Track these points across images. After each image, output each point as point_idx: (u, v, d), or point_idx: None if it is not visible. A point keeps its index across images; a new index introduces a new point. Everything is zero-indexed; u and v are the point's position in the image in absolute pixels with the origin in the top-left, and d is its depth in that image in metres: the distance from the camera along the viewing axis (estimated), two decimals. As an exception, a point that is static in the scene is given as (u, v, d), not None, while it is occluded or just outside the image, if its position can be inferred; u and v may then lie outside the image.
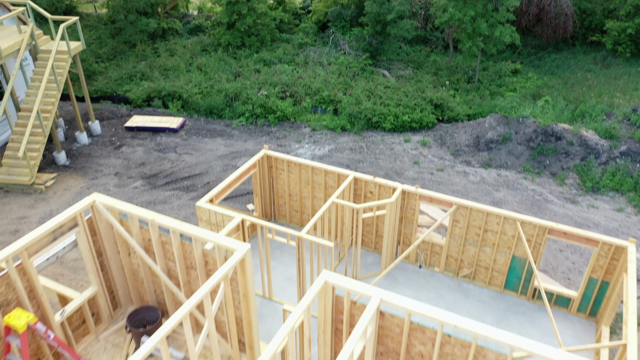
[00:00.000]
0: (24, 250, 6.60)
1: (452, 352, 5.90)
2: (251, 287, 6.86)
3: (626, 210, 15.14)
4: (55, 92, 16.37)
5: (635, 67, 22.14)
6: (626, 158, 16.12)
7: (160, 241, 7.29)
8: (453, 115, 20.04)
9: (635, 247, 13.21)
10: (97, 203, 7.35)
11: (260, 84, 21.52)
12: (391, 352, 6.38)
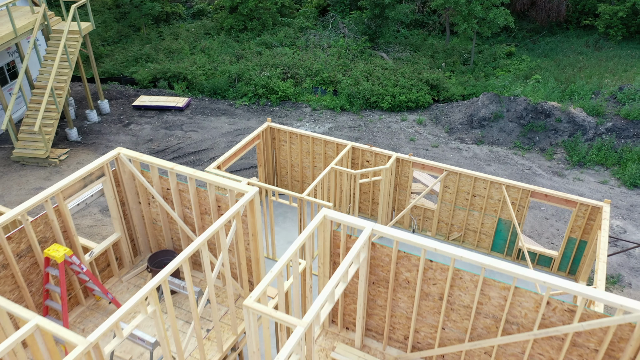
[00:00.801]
0: (59, 193, 7.59)
1: (433, 276, 6.89)
2: (259, 228, 7.86)
3: (610, 182, 16.13)
4: (67, 70, 17.29)
5: (625, 50, 23.02)
6: (611, 134, 17.06)
7: (177, 189, 8.28)
8: (448, 95, 20.95)
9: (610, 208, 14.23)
10: (121, 155, 8.33)
11: (262, 65, 22.42)
12: (382, 280, 7.37)
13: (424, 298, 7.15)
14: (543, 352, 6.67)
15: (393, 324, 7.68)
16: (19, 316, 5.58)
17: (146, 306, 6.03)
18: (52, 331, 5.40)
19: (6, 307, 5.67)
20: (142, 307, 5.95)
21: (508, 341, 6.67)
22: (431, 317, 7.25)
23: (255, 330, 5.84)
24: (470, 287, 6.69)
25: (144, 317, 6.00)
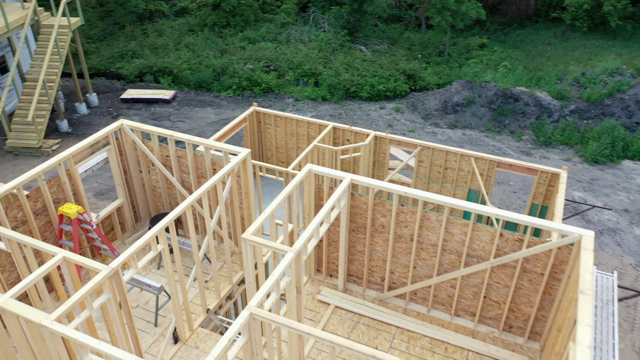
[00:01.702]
0: (71, 158, 8.54)
1: (405, 219, 7.99)
2: (251, 187, 8.89)
3: (573, 159, 17.50)
4: (58, 63, 18.13)
5: (590, 40, 24.58)
6: (574, 115, 18.47)
7: (176, 155, 9.28)
8: (424, 84, 22.23)
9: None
10: (124, 126, 9.31)
11: (245, 59, 23.45)
12: (360, 227, 8.45)
13: (398, 240, 8.27)
14: (499, 280, 7.82)
15: (371, 267, 8.78)
16: (47, 251, 6.55)
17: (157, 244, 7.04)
18: (78, 261, 6.37)
19: (35, 243, 6.62)
20: (152, 244, 6.96)
21: (470, 272, 7.81)
22: (404, 257, 8.37)
23: (251, 260, 6.88)
24: (436, 226, 7.83)
25: (154, 253, 7.00)
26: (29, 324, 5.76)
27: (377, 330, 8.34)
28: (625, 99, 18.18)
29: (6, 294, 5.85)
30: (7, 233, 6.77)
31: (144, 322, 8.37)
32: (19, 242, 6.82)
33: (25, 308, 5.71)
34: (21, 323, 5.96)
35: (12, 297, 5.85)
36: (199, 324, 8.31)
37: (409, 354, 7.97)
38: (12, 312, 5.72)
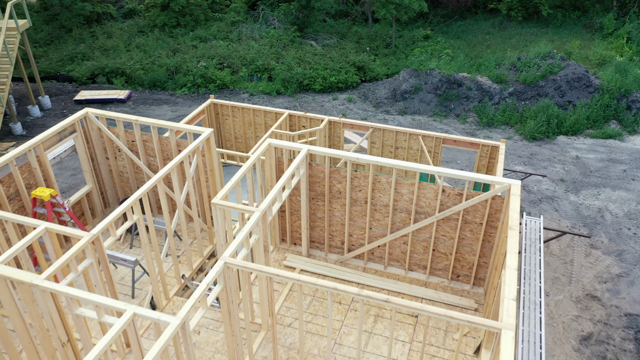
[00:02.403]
0: (40, 144, 9.00)
1: (359, 183, 8.90)
2: (215, 165, 9.60)
3: (514, 137, 18.97)
4: (8, 65, 18.17)
5: (525, 28, 26.40)
6: (513, 97, 19.99)
7: (142, 139, 9.86)
8: (374, 75, 23.36)
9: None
10: (89, 114, 9.82)
11: (198, 57, 23.95)
12: (319, 195, 9.29)
13: (353, 204, 9.17)
14: (445, 233, 8.85)
15: (331, 232, 9.65)
16: (29, 224, 7.07)
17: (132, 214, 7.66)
18: (60, 230, 6.94)
19: (17, 218, 7.13)
20: (128, 214, 7.58)
21: (419, 227, 8.80)
22: (360, 220, 9.28)
23: (222, 224, 7.61)
24: (387, 188, 8.78)
25: (130, 223, 7.63)
26: (19, 285, 6.30)
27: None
28: (557, 79, 19.83)
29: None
30: (-12, 211, 7.24)
31: (121, 296, 8.94)
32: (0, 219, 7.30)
33: (15, 271, 6.25)
34: (10, 287, 6.49)
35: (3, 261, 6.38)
36: (174, 293, 8.95)
37: (369, 305, 8.88)
38: (2, 276, 6.25)
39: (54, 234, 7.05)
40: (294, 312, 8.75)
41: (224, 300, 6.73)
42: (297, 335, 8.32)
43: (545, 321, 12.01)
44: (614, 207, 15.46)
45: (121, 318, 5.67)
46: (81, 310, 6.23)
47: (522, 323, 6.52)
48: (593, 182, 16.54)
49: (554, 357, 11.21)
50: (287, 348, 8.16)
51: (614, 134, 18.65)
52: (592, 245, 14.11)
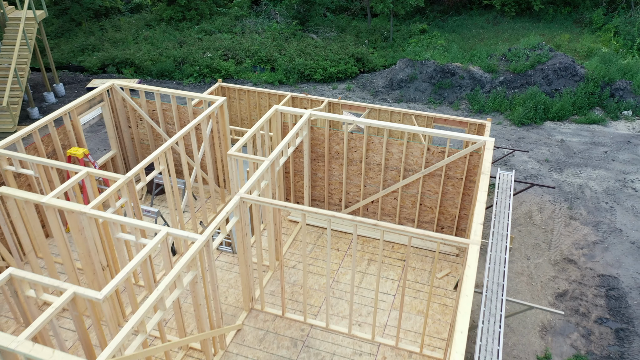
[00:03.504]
0: (74, 109, 10.33)
1: (355, 144, 10.21)
2: (228, 131, 10.92)
3: (503, 123, 20.31)
4: (27, 53, 19.53)
5: (518, 23, 27.79)
6: (503, 86, 21.33)
7: (162, 108, 11.19)
8: (372, 66, 24.73)
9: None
10: (115, 85, 11.15)
11: (204, 49, 25.31)
12: (320, 156, 10.61)
13: (350, 164, 10.50)
14: (430, 188, 10.17)
15: (330, 190, 10.97)
16: (72, 169, 8.39)
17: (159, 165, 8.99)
18: (98, 173, 8.26)
19: (62, 164, 8.46)
20: (155, 163, 8.91)
21: (407, 182, 10.12)
22: (356, 178, 10.61)
23: (236, 173, 8.94)
24: (379, 148, 10.11)
25: (157, 171, 8.95)
26: (69, 215, 7.62)
27: (338, 237, 10.54)
28: (545, 69, 21.18)
29: (47, 195, 7.69)
30: (37, 159, 8.56)
31: (145, 242, 10.25)
32: (45, 166, 8.62)
33: (66, 202, 7.57)
34: (58, 217, 7.81)
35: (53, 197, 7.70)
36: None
37: (364, 251, 10.20)
38: (55, 206, 7.58)
39: (93, 177, 8.37)
40: (297, 257, 10.06)
41: (239, 231, 8.05)
42: (300, 274, 9.64)
43: (525, 280, 13.33)
44: (593, 184, 16.79)
45: (156, 236, 6.99)
46: (121, 235, 7.54)
47: (490, 249, 7.82)
48: (575, 163, 17.87)
49: (531, 310, 12.50)
50: (292, 284, 9.47)
51: (598, 120, 19.99)
52: (571, 217, 15.43)
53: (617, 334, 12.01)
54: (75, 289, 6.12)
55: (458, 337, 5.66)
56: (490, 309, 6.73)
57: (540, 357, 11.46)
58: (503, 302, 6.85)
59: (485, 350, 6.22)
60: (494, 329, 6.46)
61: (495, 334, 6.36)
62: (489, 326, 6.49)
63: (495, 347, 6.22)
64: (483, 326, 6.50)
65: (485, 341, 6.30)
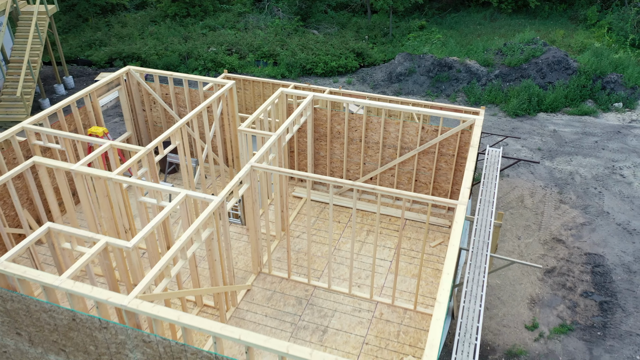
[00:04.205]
0: (94, 91, 11.20)
1: (355, 124, 11.07)
2: (236, 112, 11.79)
3: (498, 114, 21.20)
4: (39, 45, 20.41)
5: (515, 20, 28.70)
6: (499, 79, 22.22)
7: (174, 92, 12.06)
8: (371, 61, 25.62)
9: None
10: (131, 69, 12.02)
11: (208, 44, 26.21)
12: (322, 136, 11.47)
13: (350, 143, 11.36)
14: (425, 165, 11.04)
15: (332, 168, 11.83)
16: (97, 142, 9.26)
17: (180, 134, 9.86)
18: (121, 145, 9.13)
19: (86, 138, 9.32)
20: (172, 138, 9.78)
21: (403, 159, 10.98)
22: (356, 156, 11.47)
23: (246, 148, 9.80)
24: (377, 127, 10.97)
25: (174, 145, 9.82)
26: (96, 180, 8.49)
27: (339, 211, 11.41)
28: (539, 62, 22.07)
29: (77, 164, 8.56)
30: (65, 133, 9.43)
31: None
32: (71, 140, 9.49)
33: (93, 169, 8.44)
34: (85, 184, 8.68)
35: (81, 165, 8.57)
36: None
37: (363, 224, 11.06)
38: (83, 172, 8.44)
39: (115, 149, 9.24)
40: (302, 228, 10.93)
41: (249, 198, 8.91)
42: (304, 243, 10.50)
43: (516, 258, 14.18)
44: (583, 171, 17.66)
45: (176, 198, 7.86)
46: (143, 198, 8.41)
47: (477, 213, 8.68)
48: (567, 151, 18.75)
49: (521, 284, 13.38)
50: (296, 252, 10.34)
51: (589, 111, 20.87)
52: (561, 201, 16.31)
53: (601, 306, 12.87)
54: (107, 239, 6.98)
55: (445, 277, 6.52)
56: (475, 262, 7.59)
57: (528, 326, 12.32)
58: (487, 257, 7.70)
59: (470, 294, 7.07)
60: (478, 278, 7.31)
61: (479, 282, 7.21)
62: (474, 276, 7.34)
63: (479, 292, 7.07)
64: (469, 276, 7.35)
65: (471, 288, 7.15)
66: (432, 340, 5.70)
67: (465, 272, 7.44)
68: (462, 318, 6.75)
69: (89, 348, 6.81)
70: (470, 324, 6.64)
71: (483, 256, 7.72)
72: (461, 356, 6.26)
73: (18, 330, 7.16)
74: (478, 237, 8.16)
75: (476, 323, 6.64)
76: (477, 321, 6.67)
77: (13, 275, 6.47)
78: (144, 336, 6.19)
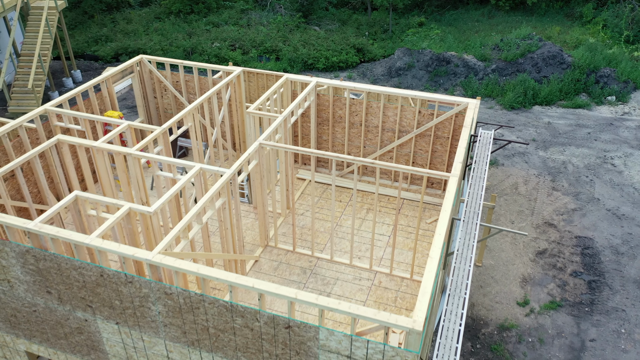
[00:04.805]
0: (110, 78, 11.94)
1: (355, 109, 11.81)
2: (243, 98, 12.53)
3: (495, 107, 21.95)
4: (49, 39, 21.17)
5: (512, 17, 29.48)
6: (495, 73, 22.98)
7: (184, 80, 12.81)
8: (371, 56, 26.39)
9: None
10: (143, 58, 12.77)
11: (212, 40, 26.98)
12: (325, 121, 12.21)
13: (351, 127, 12.11)
14: (422, 147, 11.78)
15: (334, 151, 12.57)
16: (114, 122, 10.00)
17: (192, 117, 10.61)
18: (137, 125, 9.87)
19: (104, 118, 10.07)
20: (185, 120, 10.52)
21: (401, 142, 11.73)
22: (357, 139, 12.22)
23: (253, 128, 10.54)
24: (377, 112, 11.72)
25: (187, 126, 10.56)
26: (116, 156, 9.23)
27: (341, 192, 12.16)
28: (534, 57, 22.84)
29: (98, 141, 9.31)
30: (85, 115, 10.18)
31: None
32: (91, 120, 10.23)
33: (113, 146, 9.19)
34: (105, 159, 9.42)
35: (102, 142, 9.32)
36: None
37: (363, 202, 11.81)
38: (104, 149, 9.19)
39: (133, 128, 9.99)
40: (305, 207, 11.67)
41: (257, 173, 9.66)
42: (308, 220, 11.24)
43: (509, 241, 14.93)
44: (576, 160, 18.42)
45: (190, 171, 8.60)
46: (161, 173, 9.15)
47: (468, 187, 9.42)
48: (560, 142, 19.50)
49: (514, 265, 14.12)
50: (301, 228, 11.09)
51: (583, 104, 21.62)
52: (554, 188, 17.05)
53: (589, 284, 13.61)
54: (131, 204, 7.73)
55: (437, 238, 7.27)
56: (467, 230, 8.32)
57: (519, 303, 13.06)
58: (477, 225, 8.44)
59: (461, 257, 7.80)
60: (469, 243, 8.04)
61: (469, 247, 7.95)
62: (466, 241, 8.08)
63: (469, 255, 7.80)
64: (460, 240, 8.10)
65: (462, 250, 7.89)
66: (424, 288, 6.44)
67: (457, 237, 8.18)
68: (453, 276, 7.49)
69: (114, 303, 7.54)
70: (461, 281, 7.38)
71: (473, 224, 8.46)
72: (451, 307, 7.00)
73: (48, 289, 7.90)
74: (469, 208, 8.89)
75: (465, 280, 7.38)
76: (467, 278, 7.41)
77: (47, 234, 7.21)
78: (166, 288, 6.93)
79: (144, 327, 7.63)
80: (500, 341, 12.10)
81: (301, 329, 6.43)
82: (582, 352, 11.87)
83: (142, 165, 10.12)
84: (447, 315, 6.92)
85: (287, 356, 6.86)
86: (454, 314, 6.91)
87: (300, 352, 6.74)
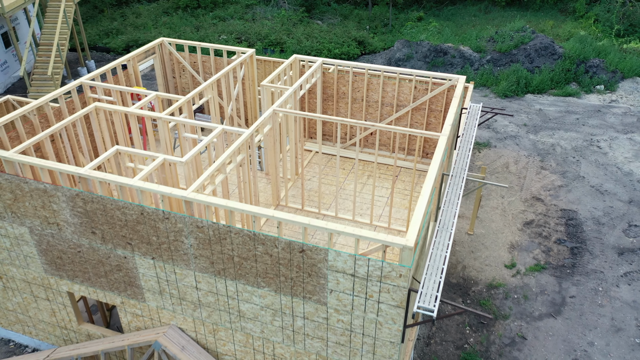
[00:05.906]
0: (135, 57, 13.35)
1: (358, 85, 13.23)
2: (255, 76, 13.95)
3: (489, 96, 23.37)
4: (66, 30, 22.60)
5: (508, 12, 30.94)
6: (490, 64, 24.41)
7: (202, 60, 14.21)
8: (372, 49, 27.83)
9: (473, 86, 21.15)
10: (164, 41, 14.19)
11: (219, 32, 28.41)
12: (329, 97, 13.60)
13: (354, 102, 13.51)
14: (417, 121, 13.18)
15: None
16: (143, 92, 11.40)
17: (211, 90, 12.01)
18: (165, 96, 11.27)
19: (135, 90, 11.47)
20: (205, 92, 11.92)
21: (399, 115, 13.13)
22: (358, 114, 13.62)
23: (266, 100, 11.94)
24: (377, 87, 13.13)
25: (206, 98, 11.95)
26: (148, 119, 10.61)
27: (344, 161, 13.55)
28: (527, 49, 24.27)
29: (132, 107, 10.70)
30: (118, 87, 11.58)
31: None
32: (122, 92, 11.63)
33: (145, 111, 10.58)
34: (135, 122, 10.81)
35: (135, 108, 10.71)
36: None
37: (364, 170, 13.20)
38: (137, 114, 10.58)
39: (160, 98, 11.39)
40: (312, 173, 13.07)
41: (271, 137, 11.05)
42: (315, 183, 12.63)
43: (499, 213, 16.32)
44: (564, 143, 19.83)
45: (213, 132, 9.99)
46: (186, 134, 10.54)
47: (457, 149, 10.81)
48: (550, 127, 20.92)
49: (503, 233, 15.51)
50: (308, 191, 12.48)
51: (573, 93, 23.05)
52: (542, 167, 18.45)
53: (572, 250, 15.00)
54: (165, 156, 9.12)
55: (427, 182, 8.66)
56: (454, 182, 9.71)
57: (507, 265, 14.44)
58: (464, 179, 9.83)
59: (448, 206, 9.20)
60: (457, 192, 9.43)
61: (456, 194, 9.33)
62: (453, 189, 9.47)
63: (455, 200, 9.19)
64: (448, 190, 9.49)
65: (450, 198, 9.28)
66: (418, 211, 7.82)
67: (447, 187, 9.58)
68: (441, 216, 8.88)
69: (151, 239, 8.92)
70: (447, 219, 8.76)
71: (460, 178, 9.86)
72: (438, 246, 8.37)
73: (93, 229, 9.28)
74: (457, 165, 10.29)
75: (452, 219, 8.76)
76: (453, 218, 8.79)
77: (96, 178, 8.60)
78: (198, 222, 8.31)
79: (176, 260, 9.00)
80: (489, 297, 13.48)
81: (313, 252, 7.81)
82: (563, 307, 13.25)
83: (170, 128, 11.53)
84: (435, 246, 8.30)
85: (301, 278, 8.23)
86: (441, 244, 8.29)
87: (312, 274, 8.11)
